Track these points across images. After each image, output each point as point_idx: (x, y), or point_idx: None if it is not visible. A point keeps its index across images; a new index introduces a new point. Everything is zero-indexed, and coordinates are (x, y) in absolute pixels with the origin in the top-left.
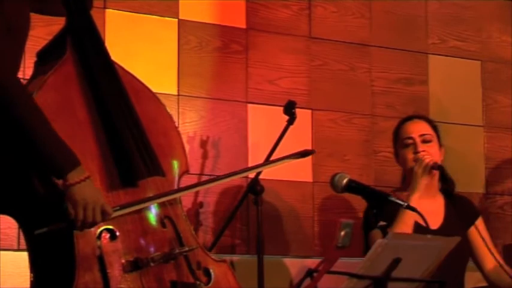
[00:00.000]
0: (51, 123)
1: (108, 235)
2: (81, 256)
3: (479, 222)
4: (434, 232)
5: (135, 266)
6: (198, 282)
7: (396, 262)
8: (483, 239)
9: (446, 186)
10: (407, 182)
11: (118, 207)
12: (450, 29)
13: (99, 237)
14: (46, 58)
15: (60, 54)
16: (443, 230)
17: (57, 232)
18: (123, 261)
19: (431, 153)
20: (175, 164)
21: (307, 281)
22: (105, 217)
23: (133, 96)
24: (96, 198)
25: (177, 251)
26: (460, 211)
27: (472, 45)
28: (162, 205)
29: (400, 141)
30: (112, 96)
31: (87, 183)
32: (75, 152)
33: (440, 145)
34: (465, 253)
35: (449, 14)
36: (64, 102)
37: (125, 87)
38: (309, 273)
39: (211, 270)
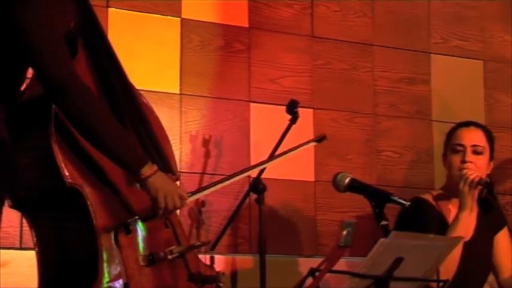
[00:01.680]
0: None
1: (123, 229)
2: (102, 249)
3: (504, 232)
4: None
5: (151, 260)
6: (220, 273)
7: (398, 261)
8: (506, 247)
9: (486, 199)
10: (448, 186)
11: (190, 193)
12: (452, 28)
13: (116, 231)
14: None
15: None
16: (473, 242)
17: (146, 219)
18: (139, 255)
19: (478, 166)
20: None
21: (309, 280)
22: (183, 203)
23: None
24: (172, 186)
25: (198, 243)
26: (490, 219)
27: (475, 45)
28: None
29: (451, 145)
30: (123, 96)
31: (160, 174)
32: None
33: (491, 158)
34: (490, 262)
35: (451, 13)
36: None
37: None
38: (311, 272)
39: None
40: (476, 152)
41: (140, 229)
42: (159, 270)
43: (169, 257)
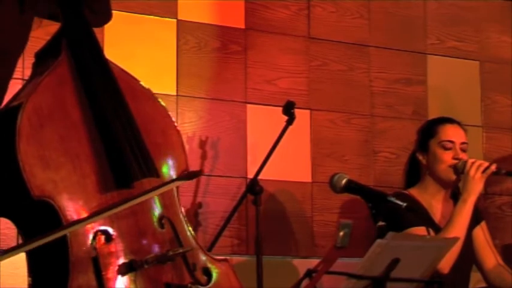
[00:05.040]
0: (43, 126)
1: (103, 236)
2: (74, 258)
3: (483, 225)
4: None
5: (130, 268)
6: (189, 285)
7: (395, 262)
8: (485, 240)
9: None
10: (428, 183)
11: (7, 251)
12: (449, 29)
13: (94, 238)
14: (43, 59)
15: (55, 56)
16: None
17: None
18: (118, 263)
19: None
20: (174, 163)
21: (306, 281)
22: None
23: (130, 95)
24: None
25: (170, 253)
26: None
27: (471, 46)
28: (160, 206)
29: (438, 140)
30: (106, 97)
31: None
32: None
33: None
34: (471, 254)
35: (447, 14)
36: (58, 103)
37: (121, 87)
38: (308, 273)
39: (211, 270)
40: (463, 150)
41: (127, 234)
42: (139, 278)
43: (146, 266)
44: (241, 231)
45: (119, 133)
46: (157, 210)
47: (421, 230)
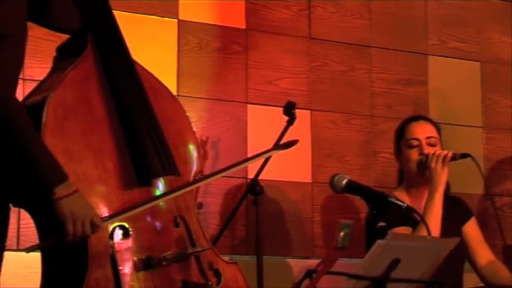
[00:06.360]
0: (67, 119)
1: (121, 233)
2: (93, 253)
3: (473, 221)
4: None
5: (147, 264)
6: (209, 283)
7: (395, 263)
8: (477, 236)
9: (454, 196)
10: (409, 180)
11: (107, 217)
12: (450, 30)
13: (111, 234)
14: (65, 54)
15: (80, 51)
16: (443, 236)
17: (50, 247)
18: (135, 259)
19: None
20: (190, 164)
21: (307, 282)
22: (94, 230)
23: (151, 94)
24: (85, 212)
25: (189, 250)
26: (454, 211)
27: (472, 46)
28: (176, 204)
29: (405, 140)
30: (130, 94)
31: (76, 197)
32: (62, 167)
33: (441, 149)
34: (461, 252)
35: (448, 15)
36: (82, 98)
37: (144, 85)
38: (308, 273)
39: (221, 272)
40: (430, 144)
41: (144, 231)
42: (155, 275)
43: (164, 263)
44: (242, 232)
45: (143, 130)
46: (173, 209)
47: (405, 230)
